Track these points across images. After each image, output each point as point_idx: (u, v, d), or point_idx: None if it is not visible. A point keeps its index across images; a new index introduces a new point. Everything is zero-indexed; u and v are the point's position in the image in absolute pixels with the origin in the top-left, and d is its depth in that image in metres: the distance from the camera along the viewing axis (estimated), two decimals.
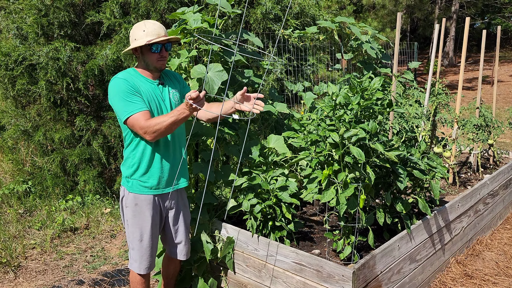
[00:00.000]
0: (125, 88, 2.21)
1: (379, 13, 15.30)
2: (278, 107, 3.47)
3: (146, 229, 2.38)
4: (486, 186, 3.84)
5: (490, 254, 3.63)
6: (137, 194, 2.36)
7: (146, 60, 2.31)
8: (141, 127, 2.17)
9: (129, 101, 2.19)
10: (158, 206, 2.43)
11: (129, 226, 2.41)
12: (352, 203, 2.40)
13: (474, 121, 4.20)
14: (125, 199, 2.40)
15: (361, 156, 2.22)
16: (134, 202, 2.36)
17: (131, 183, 2.36)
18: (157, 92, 2.35)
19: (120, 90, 2.21)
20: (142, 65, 2.35)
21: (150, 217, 2.38)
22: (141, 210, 2.37)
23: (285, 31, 4.00)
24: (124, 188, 2.40)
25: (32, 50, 4.62)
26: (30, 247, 3.86)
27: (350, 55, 4.44)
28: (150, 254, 2.44)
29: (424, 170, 2.75)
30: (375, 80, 2.42)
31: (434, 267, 3.15)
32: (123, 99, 2.20)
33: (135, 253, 2.43)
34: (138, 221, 2.37)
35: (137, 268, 2.44)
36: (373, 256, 2.43)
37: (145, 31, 2.25)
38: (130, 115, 2.19)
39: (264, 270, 2.66)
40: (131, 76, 2.29)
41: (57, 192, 4.88)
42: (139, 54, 2.32)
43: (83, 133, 4.86)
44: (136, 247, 2.40)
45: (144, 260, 2.43)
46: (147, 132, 2.17)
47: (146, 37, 2.24)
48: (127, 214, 2.39)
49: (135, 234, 2.39)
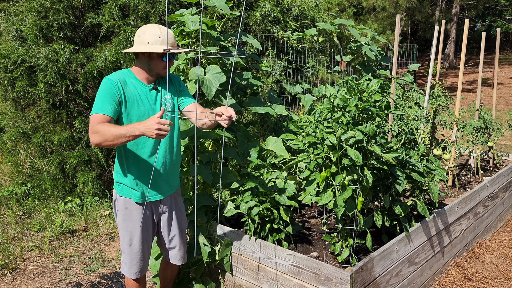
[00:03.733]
0: (107, 88, 2.16)
1: (380, 16, 15.31)
2: (277, 109, 3.47)
3: (136, 233, 2.33)
4: (486, 188, 3.83)
5: (490, 257, 3.62)
6: (127, 198, 2.32)
7: (151, 65, 2.27)
8: (91, 127, 2.08)
9: (101, 101, 2.13)
10: (150, 210, 2.38)
11: (120, 229, 2.38)
12: (350, 206, 2.39)
13: (473, 124, 4.18)
14: (116, 203, 2.37)
15: (358, 158, 2.21)
16: (124, 206, 2.33)
17: (121, 187, 2.33)
18: (148, 96, 2.30)
19: (102, 88, 2.17)
20: (143, 67, 2.28)
21: (140, 221, 2.33)
22: (131, 215, 2.32)
23: (284, 33, 4.00)
24: (116, 191, 2.37)
25: (32, 52, 4.63)
26: (28, 249, 3.85)
27: (349, 57, 4.43)
28: (140, 258, 2.38)
29: (423, 173, 2.74)
30: (373, 82, 2.42)
31: (433, 270, 3.14)
32: (100, 97, 2.15)
33: (125, 257, 2.39)
34: (128, 225, 2.33)
35: (128, 272, 2.40)
36: (371, 258, 2.42)
37: (160, 38, 2.20)
38: (93, 113, 2.12)
39: (262, 272, 2.65)
40: (123, 77, 2.24)
41: (56, 194, 4.87)
42: (145, 58, 2.26)
43: (82, 135, 4.86)
44: (126, 251, 2.37)
45: (134, 265, 2.38)
46: (90, 132, 2.08)
47: (162, 45, 2.21)
48: (118, 217, 2.37)
49: (125, 238, 2.35)
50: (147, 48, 2.19)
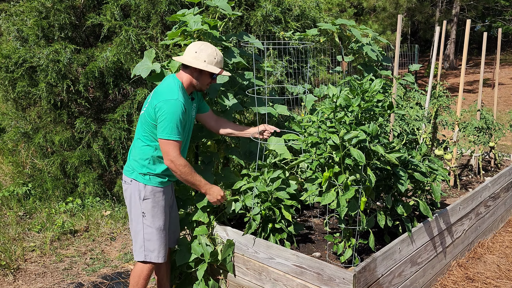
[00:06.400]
0: (179, 111, 2.40)
1: (380, 16, 15.31)
2: (279, 109, 3.46)
3: (165, 217, 2.59)
4: (488, 188, 3.83)
5: (491, 257, 3.61)
6: (154, 186, 2.54)
7: (199, 79, 2.56)
8: (173, 156, 2.41)
9: (176, 125, 2.40)
10: (169, 193, 2.66)
11: (147, 217, 2.53)
12: (353, 206, 2.38)
13: (475, 124, 4.18)
14: (142, 193, 2.52)
15: (361, 158, 2.20)
16: (153, 193, 2.53)
17: (148, 177, 2.53)
18: (190, 106, 2.60)
19: (173, 111, 2.39)
20: (191, 79, 2.55)
21: (167, 207, 2.62)
22: (158, 200, 2.56)
23: (285, 33, 4.00)
24: (139, 182, 2.53)
25: (33, 52, 4.62)
26: (29, 249, 3.85)
27: (351, 57, 4.42)
28: (166, 241, 2.64)
29: (425, 173, 2.74)
30: (375, 82, 2.41)
31: (435, 270, 3.13)
32: (174, 121, 2.39)
33: (153, 244, 2.55)
34: (157, 212, 2.55)
35: (156, 258, 2.57)
36: (374, 259, 2.42)
37: (216, 59, 2.52)
38: (171, 137, 2.40)
39: (265, 273, 2.64)
40: (182, 95, 2.47)
41: (57, 194, 4.87)
42: (196, 72, 2.53)
43: (83, 136, 4.86)
44: (155, 236, 2.55)
45: (163, 248, 2.59)
46: (174, 163, 2.42)
47: (216, 65, 2.52)
48: (146, 206, 2.53)
49: (156, 224, 2.54)
50: (208, 68, 2.47)
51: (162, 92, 2.47)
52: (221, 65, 2.58)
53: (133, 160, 2.56)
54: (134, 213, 2.56)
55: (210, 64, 2.50)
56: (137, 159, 2.54)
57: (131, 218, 2.60)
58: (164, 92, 2.45)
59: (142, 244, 2.55)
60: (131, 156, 2.60)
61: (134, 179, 2.53)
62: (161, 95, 2.44)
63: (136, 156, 2.55)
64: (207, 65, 2.49)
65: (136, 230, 2.57)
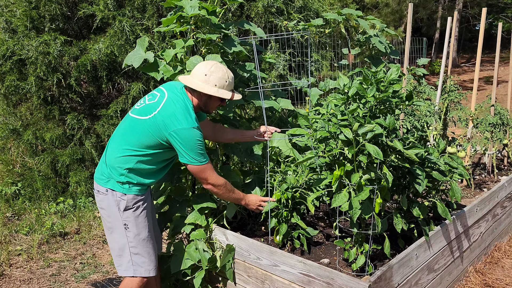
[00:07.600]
0: (201, 137, 2.25)
1: (382, 12, 15.04)
2: (282, 103, 3.22)
3: (150, 226, 2.35)
4: (504, 188, 3.59)
5: (510, 261, 3.38)
6: (135, 194, 2.28)
7: (208, 103, 2.37)
8: (212, 180, 2.31)
9: (202, 150, 2.26)
10: (151, 199, 2.43)
11: (130, 229, 2.26)
12: (367, 208, 2.14)
13: (490, 120, 3.94)
14: (122, 203, 2.24)
15: (378, 154, 1.96)
16: (134, 202, 2.28)
17: (128, 186, 2.26)
18: None
19: (196, 137, 2.22)
20: (200, 102, 2.36)
21: (149, 213, 2.36)
22: (141, 209, 2.31)
23: (289, 23, 3.75)
24: (116, 192, 2.23)
25: (22, 44, 4.38)
26: (15, 253, 3.61)
27: (357, 49, 4.18)
28: (155, 251, 2.38)
29: (444, 171, 2.50)
30: (391, 70, 2.17)
31: (452, 277, 2.90)
32: (199, 146, 2.24)
33: (139, 258, 2.30)
34: (140, 222, 2.29)
35: (146, 272, 2.32)
36: (390, 267, 2.18)
37: (227, 82, 2.32)
38: (204, 162, 2.27)
39: (268, 281, 2.40)
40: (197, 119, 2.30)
41: (47, 194, 4.62)
42: (205, 96, 2.34)
43: (74, 132, 4.62)
44: (143, 249, 2.30)
45: (153, 261, 2.35)
46: (215, 186, 2.33)
47: (229, 87, 2.34)
48: (128, 217, 2.25)
49: (142, 235, 2.29)
50: (219, 93, 2.28)
51: (178, 117, 2.20)
52: (232, 86, 2.37)
53: (110, 167, 2.26)
54: (115, 226, 2.27)
55: (221, 89, 2.30)
56: (115, 167, 2.24)
57: (110, 232, 2.30)
58: (181, 119, 2.20)
59: (129, 259, 2.28)
60: (107, 162, 2.28)
61: (111, 188, 2.23)
62: (178, 122, 2.19)
63: (115, 164, 2.25)
64: (218, 90, 2.29)
65: (120, 244, 2.27)
